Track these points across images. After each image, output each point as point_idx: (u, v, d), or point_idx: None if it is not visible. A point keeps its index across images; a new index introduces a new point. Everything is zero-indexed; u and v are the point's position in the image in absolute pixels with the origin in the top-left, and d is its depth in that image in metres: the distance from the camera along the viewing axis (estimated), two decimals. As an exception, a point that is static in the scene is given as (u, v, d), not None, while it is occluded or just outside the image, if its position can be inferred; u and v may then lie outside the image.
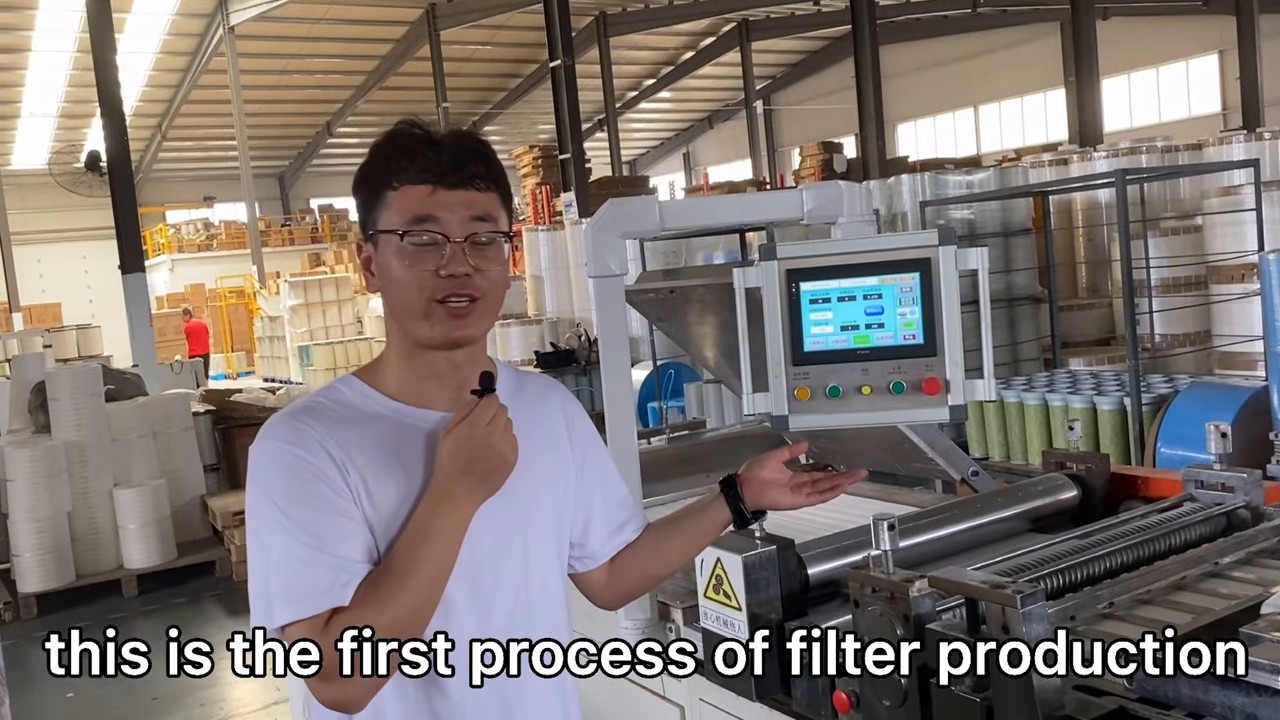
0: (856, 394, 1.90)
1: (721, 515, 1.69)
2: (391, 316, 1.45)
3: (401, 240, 1.39)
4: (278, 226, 32.36)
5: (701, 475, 2.97)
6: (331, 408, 1.41)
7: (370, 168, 1.44)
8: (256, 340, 24.22)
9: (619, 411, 2.13)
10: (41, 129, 28.32)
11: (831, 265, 1.91)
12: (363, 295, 22.38)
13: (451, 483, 1.35)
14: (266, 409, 8.45)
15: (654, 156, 38.71)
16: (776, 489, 1.70)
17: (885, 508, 2.53)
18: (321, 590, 1.29)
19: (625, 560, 1.67)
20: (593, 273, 2.10)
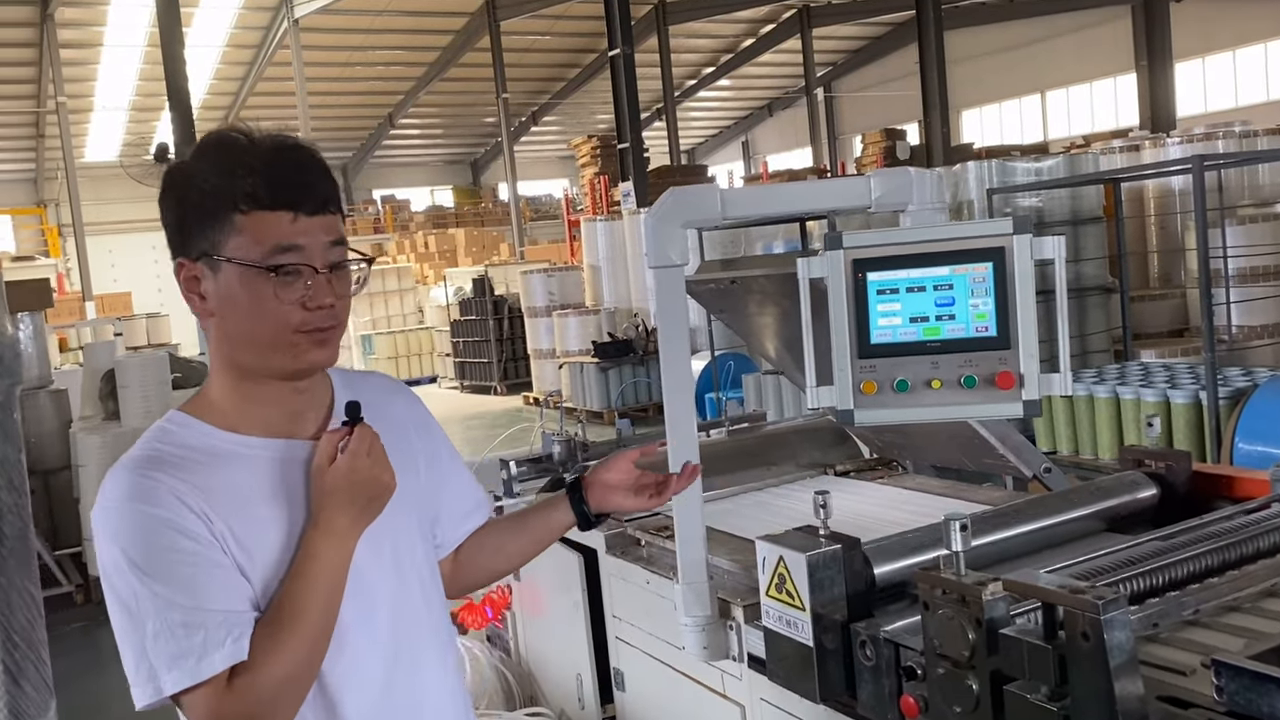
0: (926, 388, 1.85)
1: (566, 517, 1.69)
2: (228, 346, 1.36)
3: (271, 274, 1.30)
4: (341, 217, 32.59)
5: (762, 469, 2.91)
6: (174, 453, 1.33)
7: (199, 180, 1.32)
8: (320, 329, 24.43)
9: (679, 404, 2.08)
10: (113, 122, 28.97)
11: (900, 254, 1.85)
12: (424, 285, 22.54)
13: (337, 517, 1.32)
14: (330, 397, 8.51)
15: (712, 145, 38.47)
16: (620, 492, 1.69)
17: (954, 505, 2.45)
18: (213, 649, 1.24)
19: (469, 554, 1.67)
20: (653, 263, 2.05)
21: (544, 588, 3.02)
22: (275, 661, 1.26)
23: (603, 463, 1.71)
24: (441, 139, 36.44)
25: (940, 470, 2.77)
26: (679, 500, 2.09)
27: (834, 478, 2.88)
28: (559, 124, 33.53)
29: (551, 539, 1.73)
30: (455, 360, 17.63)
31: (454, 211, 33.27)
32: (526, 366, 15.64)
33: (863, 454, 2.97)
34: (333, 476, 1.32)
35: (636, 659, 2.53)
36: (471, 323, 16.99)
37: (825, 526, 1.90)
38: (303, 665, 1.28)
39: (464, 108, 32.86)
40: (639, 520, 2.67)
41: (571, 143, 20.00)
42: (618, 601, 2.61)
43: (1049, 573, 1.71)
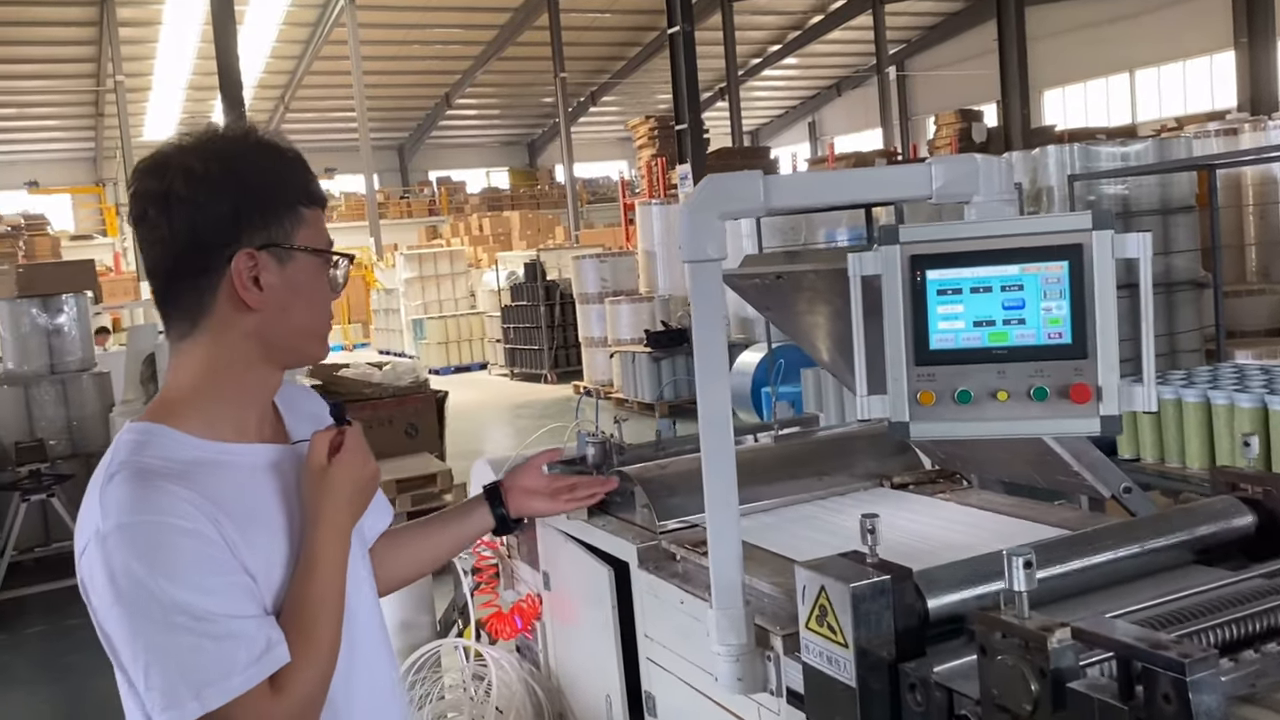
0: (990, 400, 1.72)
1: (484, 521, 1.81)
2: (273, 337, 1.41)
3: (341, 265, 1.44)
4: (396, 198, 33.05)
5: (812, 479, 2.77)
6: (167, 466, 1.32)
7: (261, 174, 1.39)
8: (372, 313, 24.74)
9: (714, 418, 1.95)
10: (171, 101, 29.53)
11: (964, 251, 1.72)
12: (477, 269, 22.65)
13: (341, 514, 1.40)
14: (373, 384, 8.53)
15: (777, 126, 38.09)
16: (538, 497, 1.84)
17: (1021, 527, 2.29)
18: (259, 654, 1.29)
19: (381, 556, 1.70)
20: (687, 256, 1.93)
21: (575, 599, 2.92)
22: (311, 661, 1.32)
23: (517, 468, 1.85)
24: (498, 119, 36.62)
25: (1009, 486, 2.61)
26: (713, 516, 1.98)
27: (890, 490, 2.73)
28: (618, 104, 33.48)
29: (468, 542, 1.85)
30: (505, 347, 17.73)
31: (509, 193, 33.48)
32: (577, 354, 15.67)
33: (923, 465, 2.82)
34: (338, 474, 1.40)
35: (669, 684, 2.41)
36: (522, 308, 17.06)
37: (873, 553, 1.76)
38: (331, 661, 1.36)
39: (521, 87, 32.97)
40: (676, 533, 2.55)
41: (629, 123, 19.87)
42: (650, 621, 2.50)
43: (1127, 614, 1.56)
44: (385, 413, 8.07)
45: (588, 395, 14.22)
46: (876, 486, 2.76)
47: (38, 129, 30.40)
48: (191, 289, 1.39)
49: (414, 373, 8.49)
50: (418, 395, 8.27)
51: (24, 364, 8.53)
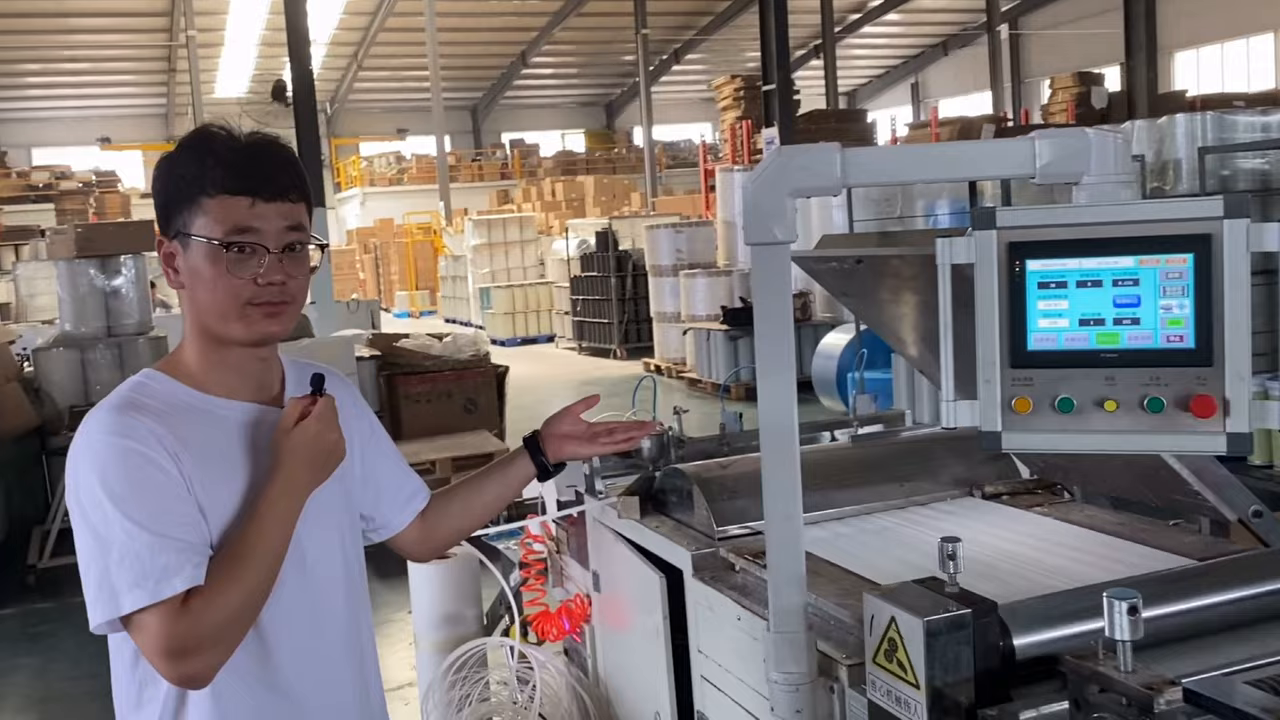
0: (1097, 410, 1.60)
1: (526, 469, 1.98)
2: (196, 314, 1.63)
3: (225, 251, 1.58)
4: (468, 161, 33.28)
5: (892, 485, 2.63)
6: (151, 403, 1.58)
7: (179, 168, 1.61)
8: (440, 279, 24.96)
9: (776, 421, 1.84)
10: (243, 58, 30.02)
11: (1071, 239, 1.61)
12: (546, 236, 22.65)
13: (296, 473, 1.58)
14: (432, 356, 8.56)
15: (876, 88, 37.34)
16: (575, 441, 1.97)
17: (1129, 552, 2.13)
18: (173, 573, 1.48)
19: (435, 518, 1.96)
20: (751, 238, 1.81)
21: (625, 604, 2.83)
22: (228, 592, 1.50)
23: (554, 416, 2.00)
24: (575, 79, 36.56)
25: (1118, 503, 2.44)
26: (773, 529, 1.88)
27: (980, 501, 2.59)
28: (703, 63, 33.11)
29: (515, 492, 2.02)
30: (574, 319, 17.72)
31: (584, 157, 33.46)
32: (649, 330, 15.57)
33: (1019, 473, 2.66)
34: (298, 437, 1.58)
35: (723, 706, 2.32)
36: (593, 279, 17.01)
37: (953, 581, 1.64)
38: (249, 601, 1.52)
39: (600, 45, 32.83)
40: (736, 540, 2.46)
41: (713, 83, 19.62)
42: (704, 635, 2.40)
43: (1250, 669, 1.41)
44: (444, 386, 8.10)
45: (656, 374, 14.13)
46: (965, 496, 2.62)
47: (111, 84, 31.18)
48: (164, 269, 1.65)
49: (475, 345, 8.49)
50: (478, 369, 8.27)
51: (80, 326, 8.69)
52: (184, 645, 1.46)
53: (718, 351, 12.43)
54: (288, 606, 1.63)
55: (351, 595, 1.77)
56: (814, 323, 12.10)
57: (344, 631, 1.74)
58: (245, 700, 1.61)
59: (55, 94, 30.42)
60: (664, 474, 2.71)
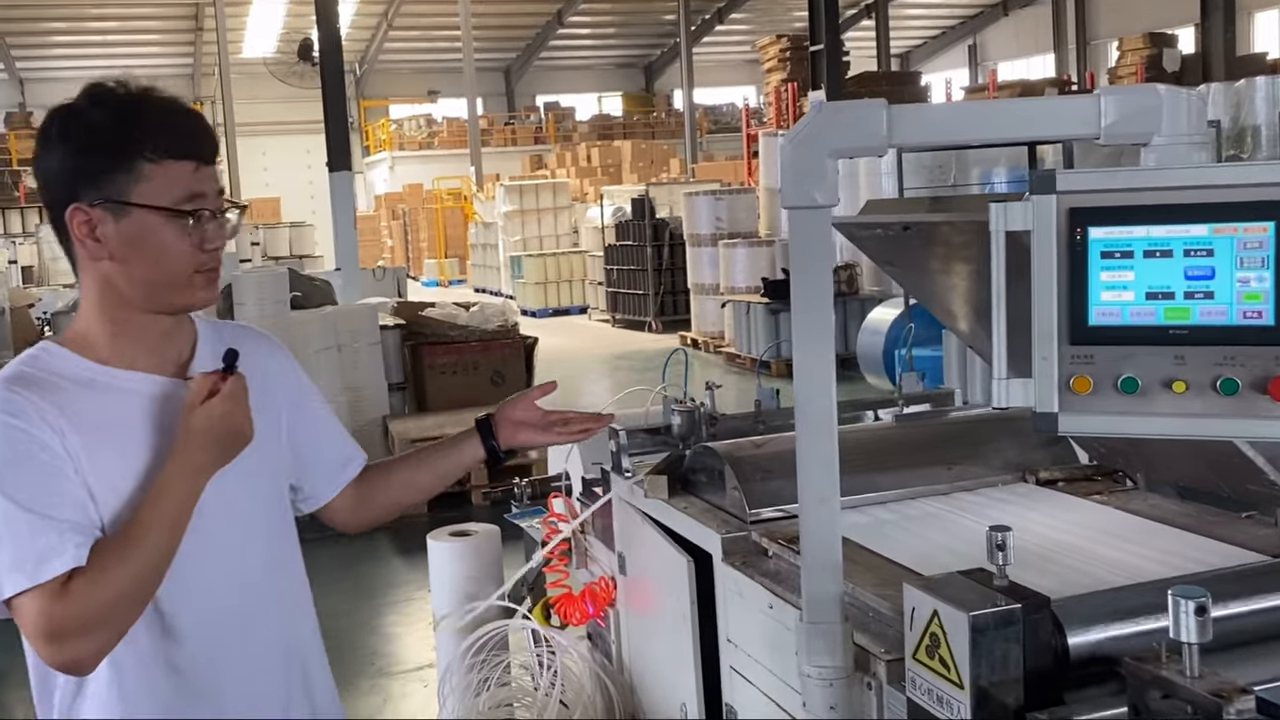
0: (1163, 391, 1.54)
1: (476, 452, 1.96)
2: (124, 286, 1.59)
3: (185, 219, 1.57)
4: (500, 125, 33.22)
5: (938, 468, 2.56)
6: (42, 377, 1.57)
7: (97, 130, 1.56)
8: (470, 247, 24.97)
9: (812, 397, 1.78)
10: (271, 16, 30.05)
11: (1138, 205, 1.55)
12: (581, 203, 22.59)
13: (196, 455, 1.55)
14: (458, 326, 8.54)
15: (931, 49, 36.75)
16: (528, 429, 1.96)
17: (1196, 546, 2.05)
18: (53, 555, 1.46)
19: (373, 489, 1.94)
20: (789, 201, 1.76)
21: (652, 588, 2.80)
22: (112, 575, 1.48)
23: (510, 400, 2.00)
24: (613, 40, 36.32)
25: (1185, 492, 2.35)
26: (807, 513, 1.83)
27: (1034, 488, 2.51)
28: (748, 22, 32.73)
29: (459, 473, 2.02)
30: (608, 290, 17.68)
31: (622, 121, 33.30)
32: (686, 302, 15.51)
33: (1076, 458, 2.58)
34: (202, 417, 1.56)
35: (753, 698, 2.27)
36: (628, 249, 16.93)
37: (1002, 574, 1.57)
38: (137, 585, 1.51)
39: (640, 4, 32.58)
40: (769, 523, 2.40)
41: (758, 44, 19.40)
42: (734, 623, 2.36)
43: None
44: (470, 357, 8.09)
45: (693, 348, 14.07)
46: (1018, 482, 2.55)
47: (137, 44, 31.34)
48: (61, 235, 1.62)
49: (503, 315, 8.47)
50: (506, 340, 8.25)
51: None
52: (63, 629, 1.46)
53: (757, 325, 12.34)
54: (197, 589, 1.61)
55: (281, 576, 1.76)
56: (860, 296, 11.99)
57: (271, 617, 1.73)
58: (147, 684, 1.60)
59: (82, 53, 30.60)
60: (694, 452, 2.66)
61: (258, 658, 1.71)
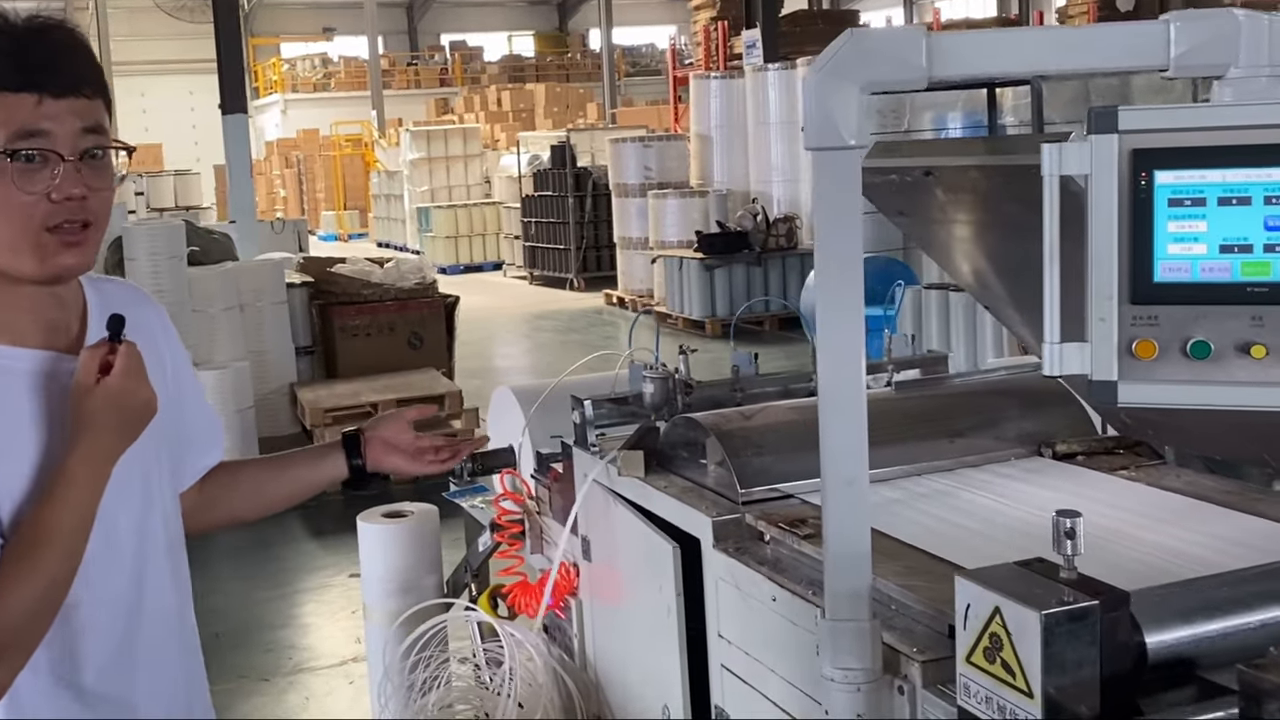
0: (1239, 356, 1.48)
1: (337, 469, 1.89)
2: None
3: (9, 160, 1.42)
4: (403, 66, 32.75)
5: (942, 441, 2.48)
6: None
7: None
8: (372, 198, 24.72)
9: (842, 360, 1.71)
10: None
11: (1212, 145, 1.48)
12: (493, 151, 22.42)
13: (100, 440, 1.47)
14: (372, 284, 8.33)
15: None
16: (398, 454, 1.92)
17: (1250, 528, 1.97)
18: None
19: (216, 491, 1.86)
20: (813, 142, 1.66)
21: (624, 576, 2.68)
22: (24, 586, 1.40)
23: (382, 418, 1.96)
24: (525, -28, 35.81)
25: (1221, 468, 2.29)
26: (833, 494, 1.73)
27: (1052, 462, 2.43)
28: (673, -42, 32.44)
29: (315, 490, 1.94)
30: (525, 245, 17.63)
31: (534, 62, 33.07)
32: (611, 258, 15.53)
33: (1094, 428, 2.51)
34: (100, 397, 1.47)
35: (750, 702, 2.18)
36: (547, 200, 16.87)
37: (1071, 565, 1.48)
38: (50, 593, 1.43)
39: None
40: (763, 504, 2.30)
41: (684, -19, 19.25)
42: (727, 617, 2.26)
43: None
44: (385, 318, 7.92)
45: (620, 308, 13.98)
46: (1032, 456, 2.47)
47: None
48: None
49: (420, 272, 8.32)
50: (425, 299, 8.12)
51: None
52: None
53: (691, 282, 12.32)
54: (97, 591, 1.55)
55: (176, 572, 1.72)
56: (800, 251, 12.01)
57: (170, 616, 1.70)
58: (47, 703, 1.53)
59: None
60: (674, 424, 2.55)
61: (163, 669, 1.67)
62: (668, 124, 18.34)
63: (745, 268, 12.26)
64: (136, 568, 1.62)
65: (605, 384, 2.91)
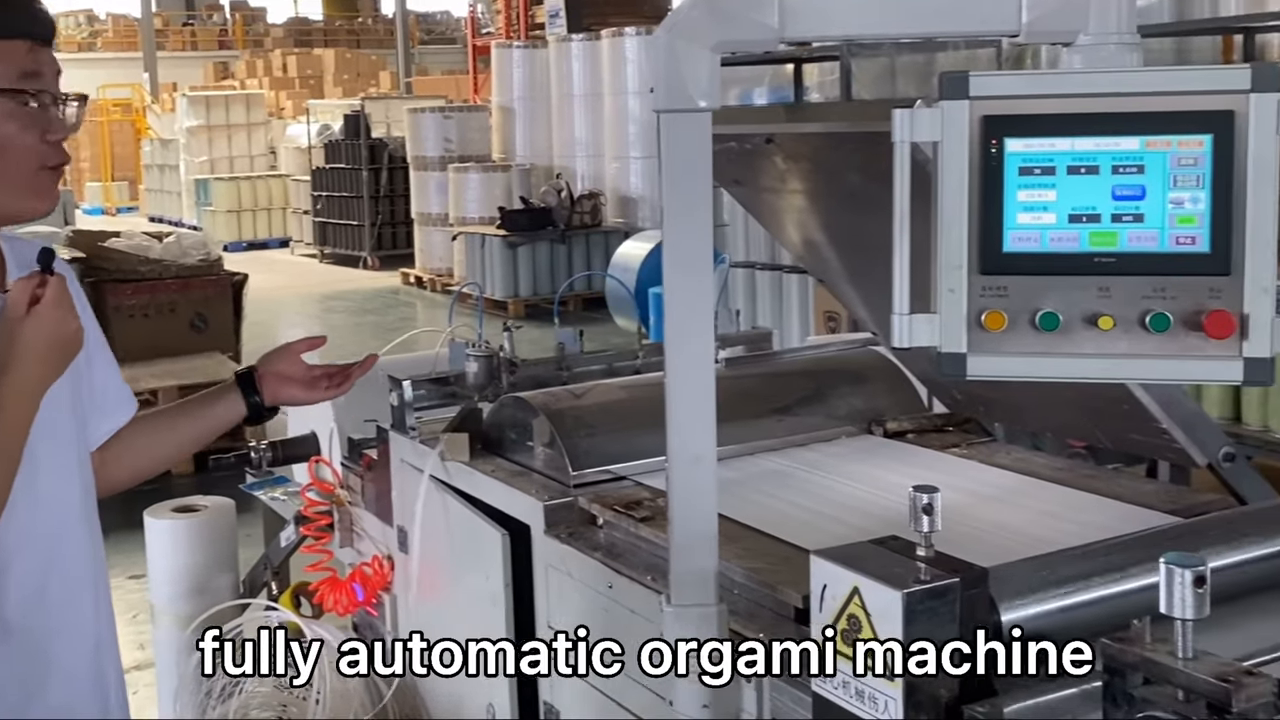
0: (1086, 328, 1.50)
1: (235, 409, 1.93)
2: None
3: (25, 103, 1.54)
4: (178, 26, 31.61)
5: (770, 419, 2.49)
6: None
7: None
8: (143, 169, 23.88)
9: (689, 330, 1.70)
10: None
11: (1062, 113, 1.50)
12: (279, 119, 21.92)
13: (32, 369, 1.52)
14: (151, 260, 7.96)
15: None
16: (293, 384, 1.96)
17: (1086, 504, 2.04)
18: None
19: (117, 450, 1.88)
20: (663, 104, 1.67)
21: (445, 567, 2.62)
22: None
23: (274, 352, 1.99)
24: (311, -69, 34.87)
25: (1037, 441, 2.38)
26: (678, 471, 1.74)
27: (884, 440, 2.48)
28: (466, -77, 32.13)
29: (215, 433, 1.98)
30: (315, 220, 17.31)
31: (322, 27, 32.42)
32: (408, 235, 15.35)
33: (924, 405, 2.57)
34: (33, 326, 1.51)
35: (584, 698, 2.15)
36: (339, 173, 16.57)
37: (929, 543, 1.48)
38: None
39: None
40: (596, 487, 2.28)
41: (482, -54, 19.09)
42: (558, 607, 2.24)
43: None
44: (166, 297, 7.60)
45: (418, 288, 13.77)
46: (863, 434, 2.51)
47: None
48: None
49: (205, 248, 8.04)
50: (209, 278, 7.86)
51: None
52: None
53: (494, 261, 12.24)
54: (18, 534, 1.61)
55: (89, 519, 1.77)
56: (605, 229, 12.06)
57: (86, 563, 1.74)
58: None
59: None
60: (500, 405, 2.49)
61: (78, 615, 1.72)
62: (466, 95, 18.24)
63: (549, 245, 12.23)
64: (57, 509, 1.69)
65: (423, 364, 2.83)
